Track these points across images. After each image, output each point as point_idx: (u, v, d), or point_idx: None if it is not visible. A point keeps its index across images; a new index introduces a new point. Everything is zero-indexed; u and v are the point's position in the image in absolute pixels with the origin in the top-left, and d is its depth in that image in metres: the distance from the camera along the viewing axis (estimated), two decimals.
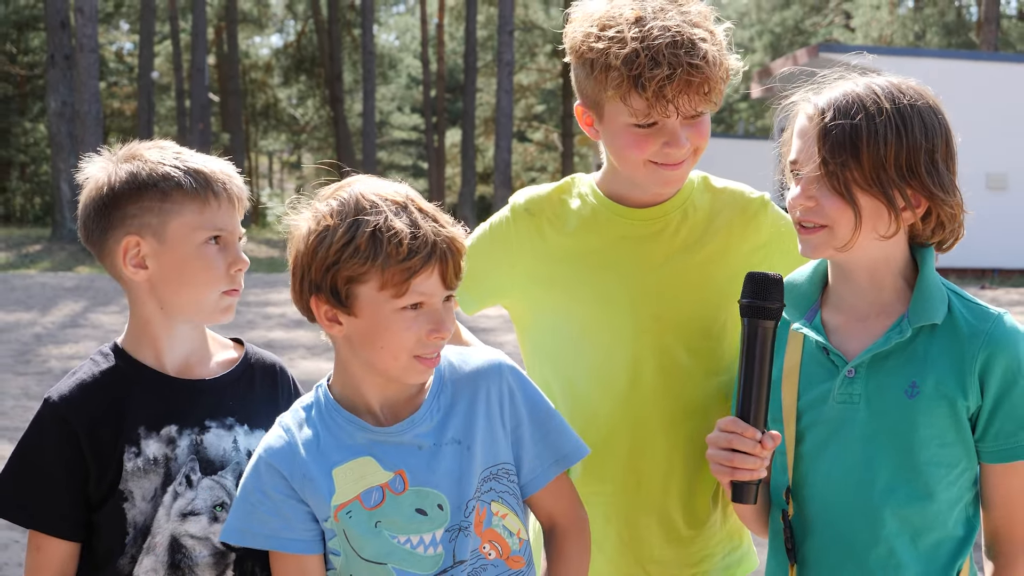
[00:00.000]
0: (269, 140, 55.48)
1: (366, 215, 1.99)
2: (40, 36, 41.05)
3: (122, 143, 2.30)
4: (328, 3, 43.05)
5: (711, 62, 2.22)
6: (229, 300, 2.24)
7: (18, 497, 2.20)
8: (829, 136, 2.09)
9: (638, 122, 2.26)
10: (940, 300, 2.16)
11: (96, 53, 25.90)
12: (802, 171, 2.15)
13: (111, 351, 2.27)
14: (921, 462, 2.13)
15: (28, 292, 17.92)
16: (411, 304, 2.01)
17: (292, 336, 13.43)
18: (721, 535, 2.53)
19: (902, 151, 2.08)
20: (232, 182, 2.24)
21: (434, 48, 47.48)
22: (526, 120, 49.71)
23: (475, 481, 2.11)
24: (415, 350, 2.04)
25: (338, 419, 2.12)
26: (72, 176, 11.66)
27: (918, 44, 40.31)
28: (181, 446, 2.21)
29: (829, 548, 2.19)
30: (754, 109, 51.27)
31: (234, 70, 41.05)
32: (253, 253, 26.55)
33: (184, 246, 2.19)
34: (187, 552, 2.19)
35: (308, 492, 2.08)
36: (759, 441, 2.08)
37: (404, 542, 2.06)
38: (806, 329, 2.23)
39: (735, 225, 2.47)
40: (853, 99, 2.11)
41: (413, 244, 1.98)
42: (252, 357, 2.37)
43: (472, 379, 2.18)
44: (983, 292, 18.48)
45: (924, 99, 2.15)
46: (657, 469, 2.43)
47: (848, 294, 2.23)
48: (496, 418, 2.16)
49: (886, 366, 2.16)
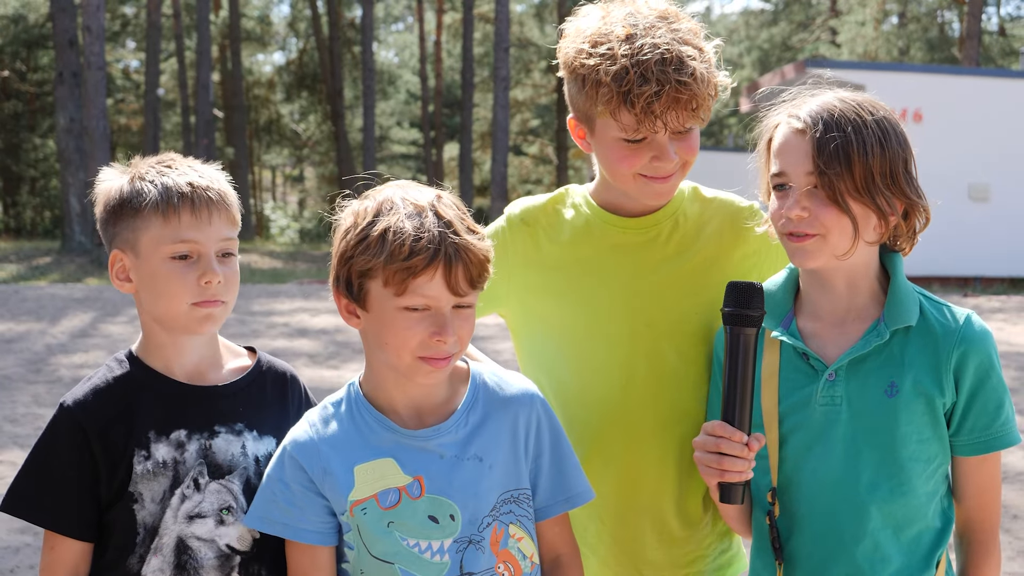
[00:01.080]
0: (272, 154, 54.94)
1: (384, 215, 2.03)
2: (49, 54, 40.90)
3: (129, 158, 2.32)
4: (329, 21, 42.62)
5: (699, 79, 2.22)
6: (203, 311, 2.22)
7: (33, 498, 2.22)
8: (824, 148, 2.12)
9: (628, 137, 2.27)
10: (912, 303, 2.21)
11: (103, 71, 25.66)
12: (792, 183, 2.17)
13: (125, 358, 2.30)
14: (902, 458, 2.17)
15: (39, 303, 17.83)
16: (414, 306, 2.03)
17: (295, 345, 13.45)
18: (712, 536, 2.54)
19: (886, 160, 2.14)
20: (202, 193, 2.21)
21: (432, 65, 47.22)
22: (522, 134, 49.11)
23: (492, 499, 2.12)
24: (418, 351, 2.04)
25: (367, 417, 2.13)
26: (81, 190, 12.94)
27: (902, 59, 40.20)
28: (190, 450, 2.22)
29: (816, 544, 2.22)
30: (743, 123, 51.43)
31: (238, 87, 40.67)
32: (256, 264, 26.44)
33: (152, 260, 2.20)
34: (193, 553, 2.21)
35: (327, 486, 2.10)
36: (745, 444, 2.11)
37: (413, 545, 2.07)
38: (784, 336, 2.26)
39: (725, 233, 2.48)
40: (839, 112, 2.15)
41: (415, 245, 1.99)
42: (264, 365, 2.37)
43: (505, 403, 2.19)
44: (966, 300, 18.30)
45: (890, 113, 2.22)
46: (650, 472, 2.44)
47: (824, 300, 2.26)
48: (520, 444, 2.18)
49: (864, 368, 2.20)
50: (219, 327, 2.29)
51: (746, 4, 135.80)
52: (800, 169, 2.16)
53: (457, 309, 2.06)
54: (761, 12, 52.59)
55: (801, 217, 2.15)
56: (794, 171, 2.17)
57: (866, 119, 2.15)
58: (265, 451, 2.29)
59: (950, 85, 21.95)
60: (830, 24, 45.61)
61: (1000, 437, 2.22)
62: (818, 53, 42.76)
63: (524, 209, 2.54)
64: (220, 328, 2.34)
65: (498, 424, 2.16)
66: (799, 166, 2.16)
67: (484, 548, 2.10)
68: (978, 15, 33.11)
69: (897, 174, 2.16)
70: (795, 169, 2.17)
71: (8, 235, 38.32)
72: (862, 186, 2.12)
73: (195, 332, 2.26)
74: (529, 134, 50.51)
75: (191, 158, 2.34)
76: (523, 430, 2.19)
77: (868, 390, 2.19)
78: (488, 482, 2.12)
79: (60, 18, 27.42)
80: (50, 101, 39.35)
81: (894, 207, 2.17)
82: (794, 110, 2.21)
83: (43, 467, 2.21)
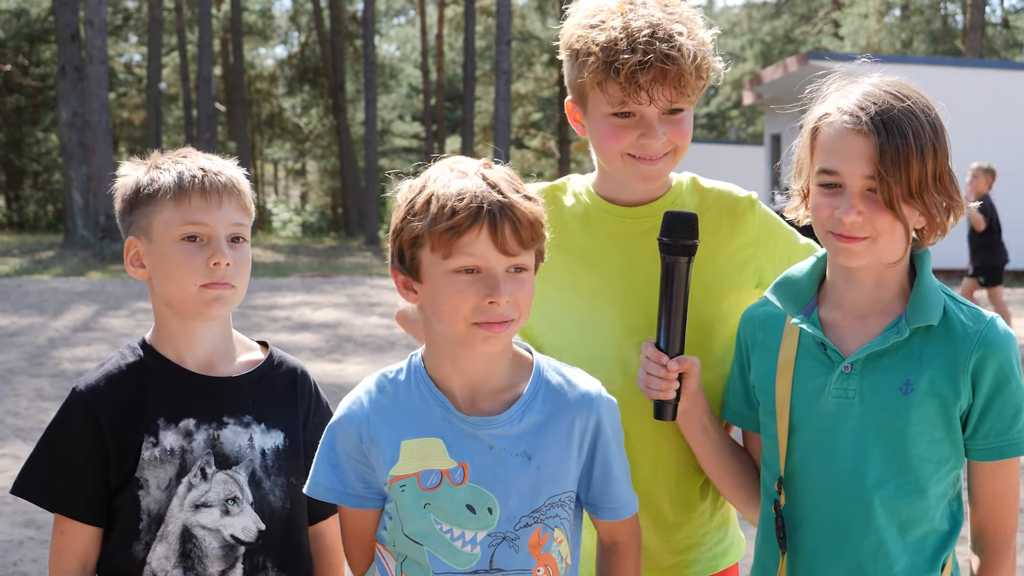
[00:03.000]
0: (274, 148, 55.19)
1: (430, 184, 2.02)
2: (51, 48, 40.70)
3: (132, 152, 2.72)
4: (330, 15, 42.83)
5: (687, 55, 2.23)
6: (213, 293, 2.23)
7: (44, 482, 2.25)
8: (886, 154, 2.07)
9: (615, 110, 2.28)
10: (937, 301, 2.17)
11: (105, 65, 25.60)
12: (848, 183, 2.11)
13: (139, 345, 2.32)
14: (912, 457, 2.15)
15: (41, 297, 17.89)
16: (464, 267, 1.98)
17: (297, 339, 13.46)
18: (709, 526, 2.53)
19: (937, 163, 2.11)
20: (213, 178, 2.25)
21: (434, 58, 47.37)
22: (523, 128, 49.34)
23: (537, 501, 2.08)
24: (473, 316, 1.99)
25: (424, 391, 2.10)
26: (83, 184, 13.01)
27: (905, 52, 40.19)
28: (198, 439, 2.24)
29: (821, 537, 2.21)
30: (745, 116, 51.39)
31: (240, 80, 40.53)
32: (259, 258, 26.24)
33: (163, 242, 2.24)
34: (197, 542, 2.22)
35: (372, 455, 2.08)
36: (664, 366, 2.24)
37: (446, 531, 2.04)
38: (804, 324, 2.23)
39: (723, 223, 2.46)
40: (897, 112, 2.10)
41: (458, 204, 1.96)
42: (276, 359, 2.39)
43: (566, 406, 2.13)
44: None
45: (934, 105, 2.17)
46: (645, 458, 2.42)
47: (850, 293, 2.23)
48: (575, 447, 2.12)
49: (881, 363, 2.17)
50: (229, 311, 2.31)
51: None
52: (857, 171, 2.10)
53: (511, 273, 2.01)
54: (763, 5, 52.73)
55: (856, 222, 2.11)
56: (849, 172, 2.11)
57: (922, 120, 2.10)
58: (272, 444, 2.30)
59: (954, 77, 21.83)
60: (832, 16, 45.76)
61: (1017, 444, 2.18)
62: (821, 46, 42.82)
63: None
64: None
65: (555, 425, 2.10)
66: (856, 167, 2.10)
67: (520, 548, 2.06)
68: (981, 7, 33.13)
69: (944, 174, 2.12)
70: (851, 170, 2.11)
71: (11, 229, 38.35)
72: (916, 191, 2.09)
73: (204, 316, 2.27)
74: (531, 127, 50.72)
75: (208, 154, 2.38)
76: (579, 431, 2.13)
77: (883, 386, 2.17)
78: (532, 482, 2.07)
79: (62, 12, 27.48)
80: (52, 95, 39.23)
81: (940, 208, 2.14)
82: (846, 103, 2.14)
83: (53, 451, 2.24)
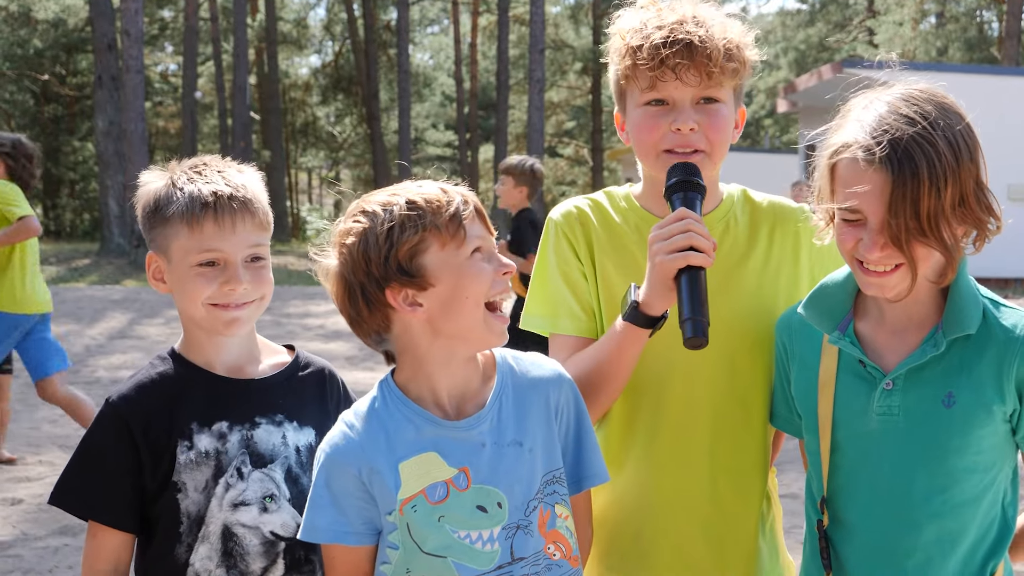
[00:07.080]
0: (308, 157, 55.43)
1: (389, 205, 2.05)
2: (88, 58, 41.48)
3: (167, 161, 2.37)
4: (364, 24, 43.01)
5: (715, 38, 2.25)
6: (230, 315, 2.28)
7: (78, 491, 2.28)
8: (895, 192, 1.99)
9: (646, 99, 2.30)
10: (975, 308, 2.11)
11: (142, 74, 25.85)
12: (870, 220, 2.05)
13: (168, 355, 2.36)
14: (958, 470, 2.11)
15: (77, 304, 18.07)
16: (473, 249, 2.06)
17: (330, 347, 13.50)
18: (768, 566, 2.48)
19: (957, 189, 2.01)
20: (224, 203, 2.25)
21: (467, 67, 47.50)
22: (557, 136, 49.51)
23: (536, 483, 2.12)
24: (488, 295, 2.07)
25: (405, 411, 2.10)
26: (119, 193, 13.03)
27: (940, 59, 39.95)
28: (232, 441, 2.28)
29: (867, 555, 2.18)
30: (779, 124, 51.29)
31: (274, 89, 41.08)
32: (293, 266, 26.60)
33: (181, 267, 2.27)
34: (239, 540, 2.26)
35: (376, 486, 2.07)
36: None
37: (464, 537, 2.06)
38: (842, 343, 2.19)
39: (777, 233, 2.47)
40: (909, 144, 2.00)
41: (446, 197, 2.05)
42: (302, 360, 2.43)
43: (535, 385, 2.18)
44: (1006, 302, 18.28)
45: (959, 116, 2.08)
46: (702, 468, 2.40)
47: (887, 307, 2.19)
48: (554, 424, 2.18)
49: (922, 377, 2.13)
50: (249, 327, 2.35)
51: (782, 4, 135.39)
52: (874, 209, 2.03)
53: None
54: (798, 12, 52.61)
55: (880, 258, 2.05)
56: (868, 209, 2.04)
57: (939, 147, 1.99)
58: (306, 441, 2.34)
59: (989, 85, 21.74)
60: (867, 24, 45.45)
61: None
62: (855, 53, 42.56)
63: (566, 211, 2.51)
64: (256, 330, 2.41)
65: (532, 406, 2.16)
66: (872, 205, 2.03)
67: (532, 532, 2.10)
68: (1018, 14, 32.93)
69: (968, 196, 2.03)
70: (869, 208, 2.04)
71: (48, 237, 38.61)
72: (929, 226, 2.00)
73: (224, 334, 2.32)
74: (564, 136, 50.87)
75: (227, 159, 2.38)
76: (554, 409, 2.18)
77: (925, 401, 2.12)
78: (531, 466, 2.12)
79: (99, 22, 27.90)
80: (89, 104, 39.86)
81: (958, 237, 2.05)
82: (862, 135, 2.04)
83: (86, 461, 2.28)
